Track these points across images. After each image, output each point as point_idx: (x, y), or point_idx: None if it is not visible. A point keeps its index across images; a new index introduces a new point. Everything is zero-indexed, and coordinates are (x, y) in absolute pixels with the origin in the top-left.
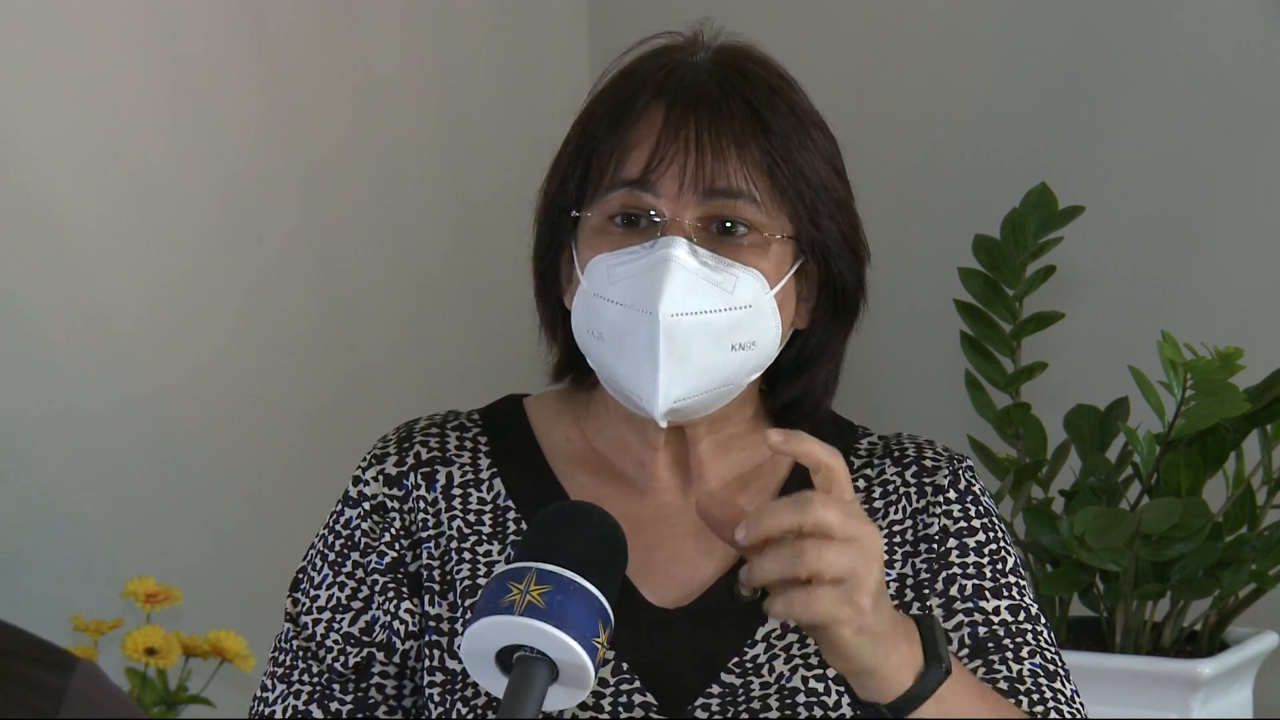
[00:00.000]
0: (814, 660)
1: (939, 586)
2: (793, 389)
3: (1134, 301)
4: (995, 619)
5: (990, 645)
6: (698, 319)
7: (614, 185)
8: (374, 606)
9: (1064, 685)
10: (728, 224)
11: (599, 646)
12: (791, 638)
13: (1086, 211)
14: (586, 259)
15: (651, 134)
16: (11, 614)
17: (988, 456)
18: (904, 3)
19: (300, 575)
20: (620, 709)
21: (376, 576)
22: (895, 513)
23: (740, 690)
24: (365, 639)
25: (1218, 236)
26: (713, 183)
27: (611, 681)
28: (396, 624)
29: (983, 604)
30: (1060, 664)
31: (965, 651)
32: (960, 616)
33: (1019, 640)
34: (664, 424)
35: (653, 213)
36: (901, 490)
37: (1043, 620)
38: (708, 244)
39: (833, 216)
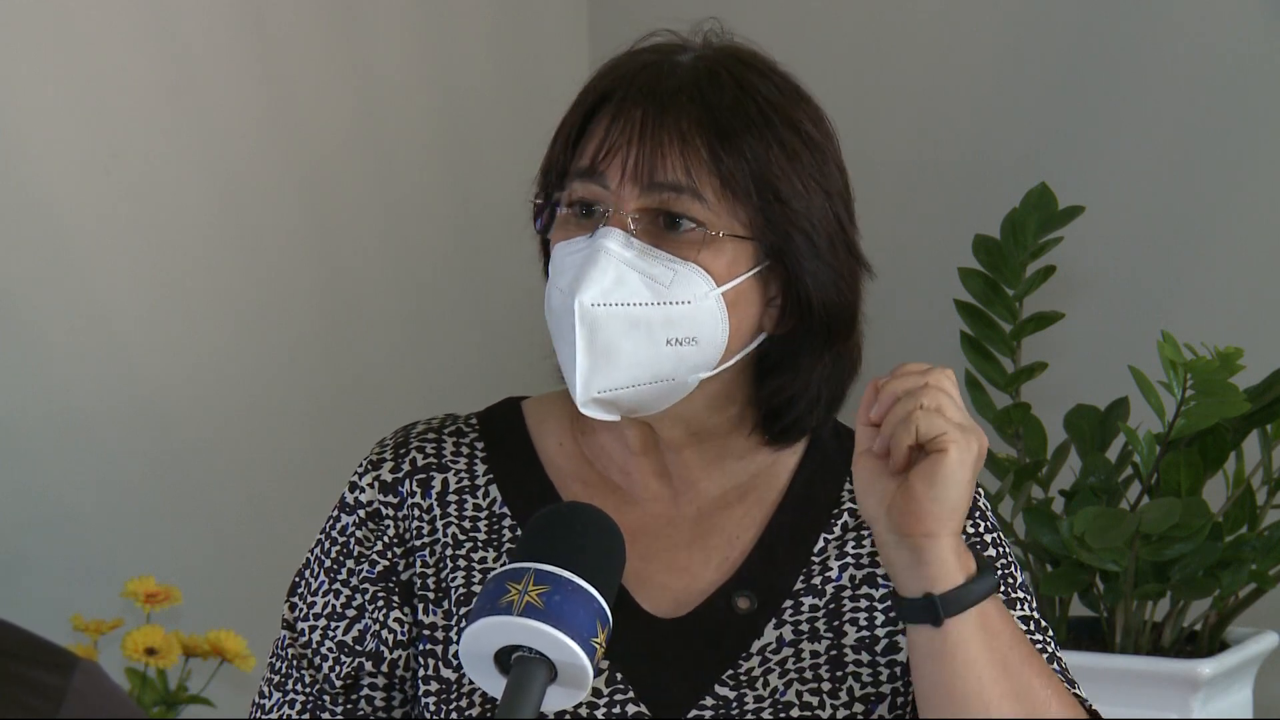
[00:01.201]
0: (808, 674)
1: None
2: (767, 394)
3: (1134, 301)
4: None
5: None
6: (623, 310)
7: (572, 176)
8: (366, 615)
9: (1080, 690)
10: (673, 218)
11: (597, 647)
12: (786, 652)
13: (1086, 211)
14: (553, 248)
15: (603, 125)
16: (11, 614)
17: (988, 456)
18: (904, 3)
19: (298, 580)
20: (613, 718)
21: (368, 585)
22: None
23: (734, 703)
24: (358, 648)
25: (1218, 236)
26: (652, 175)
27: (605, 691)
28: (385, 633)
29: None
30: (1067, 672)
31: None
32: None
33: (1038, 646)
34: (590, 414)
35: (599, 204)
36: None
37: (1050, 632)
38: (649, 237)
39: (797, 223)
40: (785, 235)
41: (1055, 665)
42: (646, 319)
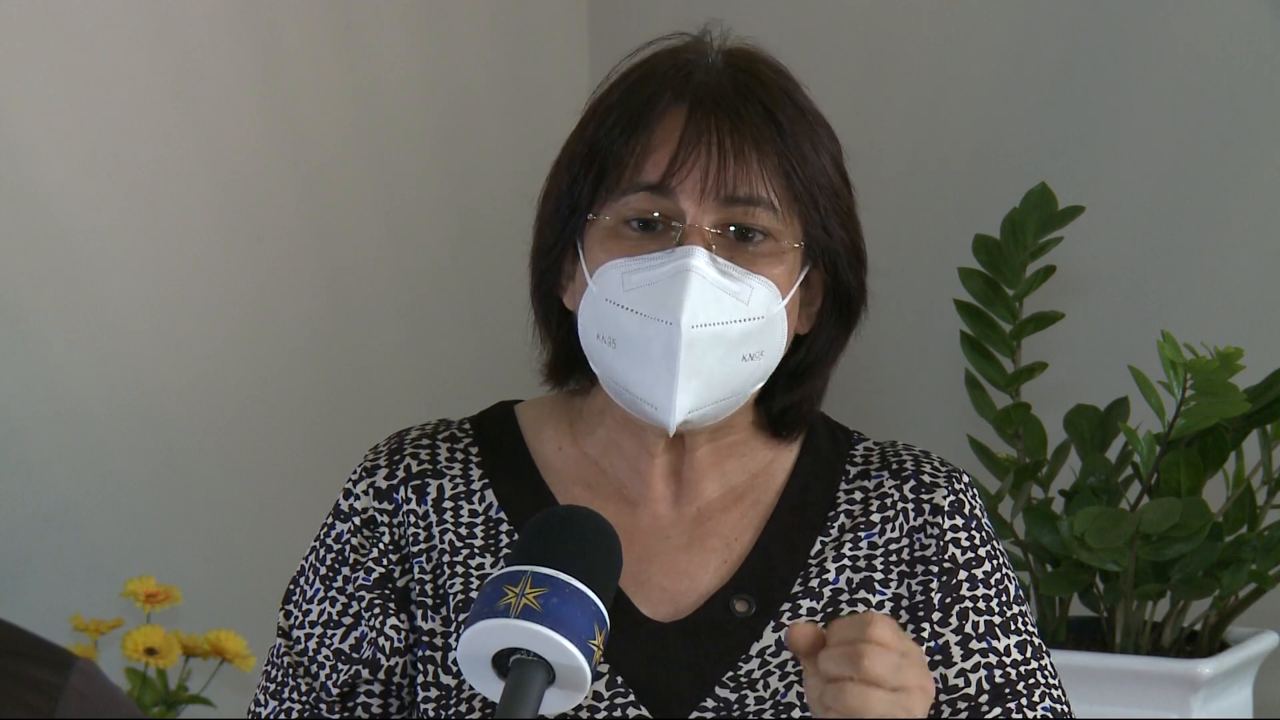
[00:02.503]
0: None
1: (953, 621)
2: (793, 395)
3: (1134, 301)
4: (1008, 660)
5: (1007, 692)
6: (715, 330)
7: (631, 188)
8: (362, 623)
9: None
10: (746, 231)
11: (595, 649)
12: (786, 654)
13: (1086, 211)
14: (599, 262)
15: (672, 138)
16: (11, 614)
17: (988, 456)
18: (905, 3)
19: (292, 588)
20: None
21: (364, 593)
22: (892, 530)
23: (735, 705)
24: (355, 655)
25: (1218, 236)
26: (734, 189)
27: (606, 694)
28: (382, 640)
29: (995, 644)
30: (1063, 698)
31: (985, 697)
32: (977, 657)
33: (1030, 683)
34: (671, 432)
35: (672, 219)
36: (899, 506)
37: (1044, 648)
38: (724, 251)
39: (841, 223)
40: (834, 236)
41: (1048, 700)
42: (728, 336)
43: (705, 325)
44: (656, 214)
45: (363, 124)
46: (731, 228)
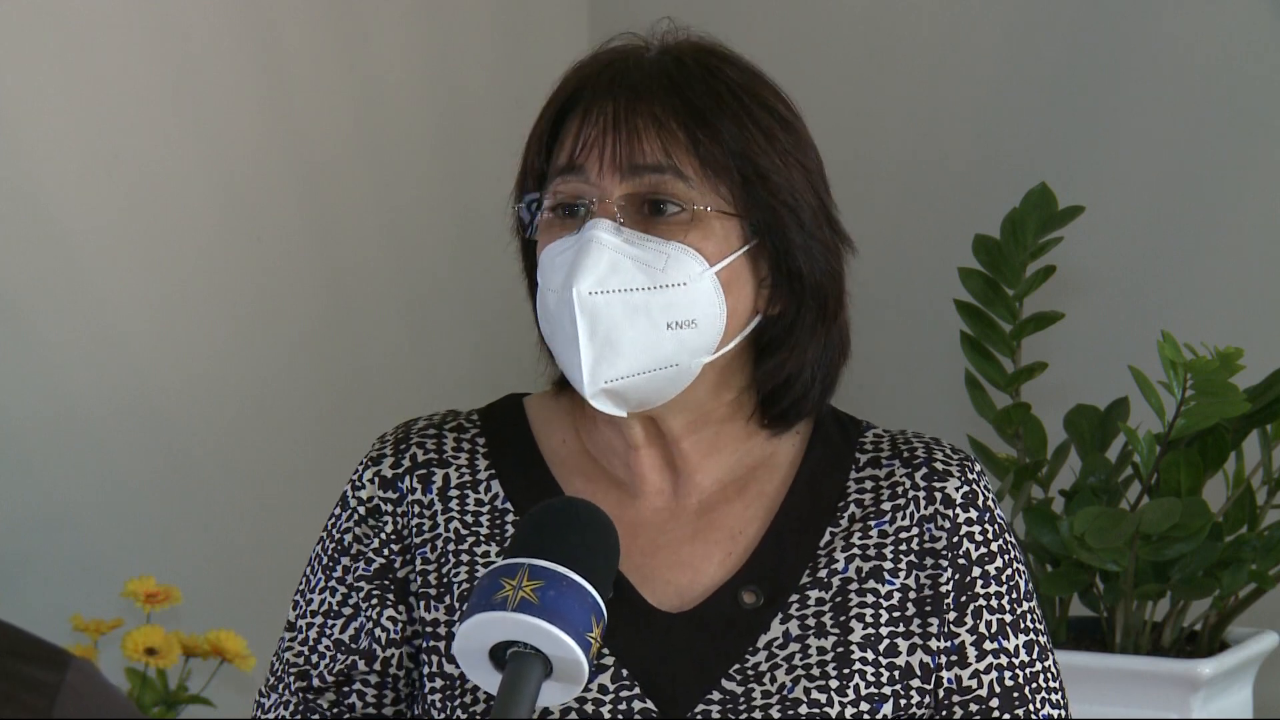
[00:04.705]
0: (815, 670)
1: (968, 620)
2: (764, 375)
3: (1134, 301)
4: (1017, 661)
5: (1015, 696)
6: (621, 296)
7: (552, 176)
8: (360, 613)
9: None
10: (658, 203)
11: (593, 641)
12: (794, 647)
13: (1086, 211)
14: (540, 254)
15: (576, 122)
16: (11, 614)
17: (988, 456)
18: (904, 3)
19: (301, 579)
20: (620, 715)
21: (363, 583)
22: (902, 518)
23: (741, 698)
24: (353, 646)
25: (1218, 236)
26: (632, 159)
27: (611, 687)
28: (378, 631)
29: (1006, 644)
30: (1062, 700)
31: (995, 700)
32: (990, 658)
33: (1034, 687)
34: (598, 406)
35: (583, 197)
36: (910, 494)
37: (1049, 646)
38: (637, 224)
39: (781, 197)
40: (770, 211)
41: (1048, 709)
42: (645, 304)
43: (606, 291)
44: (571, 196)
45: (363, 124)
46: (646, 203)
